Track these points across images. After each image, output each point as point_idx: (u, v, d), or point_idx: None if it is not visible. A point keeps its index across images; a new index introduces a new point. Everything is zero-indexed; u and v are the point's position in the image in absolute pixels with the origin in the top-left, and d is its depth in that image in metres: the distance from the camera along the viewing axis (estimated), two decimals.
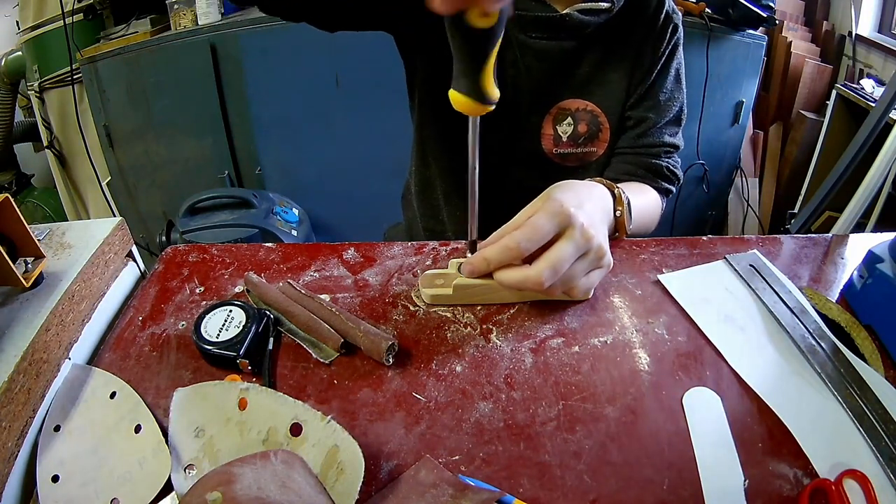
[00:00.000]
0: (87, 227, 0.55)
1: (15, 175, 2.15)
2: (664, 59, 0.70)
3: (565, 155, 0.71)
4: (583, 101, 0.69)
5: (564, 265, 0.46)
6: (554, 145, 0.71)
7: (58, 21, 1.66)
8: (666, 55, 0.70)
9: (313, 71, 1.67)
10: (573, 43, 0.66)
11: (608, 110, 0.70)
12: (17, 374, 0.39)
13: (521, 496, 0.36)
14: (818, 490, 0.36)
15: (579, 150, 0.71)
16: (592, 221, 0.48)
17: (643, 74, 0.70)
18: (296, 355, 0.47)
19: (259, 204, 1.59)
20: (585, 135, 0.70)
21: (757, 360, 0.46)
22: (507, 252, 0.46)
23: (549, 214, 0.46)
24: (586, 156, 0.72)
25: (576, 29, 0.64)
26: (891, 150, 0.89)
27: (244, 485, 0.31)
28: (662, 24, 0.68)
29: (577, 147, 0.71)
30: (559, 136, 0.70)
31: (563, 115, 0.70)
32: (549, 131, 0.70)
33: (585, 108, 0.69)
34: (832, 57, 1.99)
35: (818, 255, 0.59)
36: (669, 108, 0.71)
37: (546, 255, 0.46)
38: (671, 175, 0.73)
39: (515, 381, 0.45)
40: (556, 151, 0.71)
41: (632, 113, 0.71)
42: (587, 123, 0.70)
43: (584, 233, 0.47)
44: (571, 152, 0.71)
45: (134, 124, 1.79)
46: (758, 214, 1.98)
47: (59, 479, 0.38)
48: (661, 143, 0.71)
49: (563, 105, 0.69)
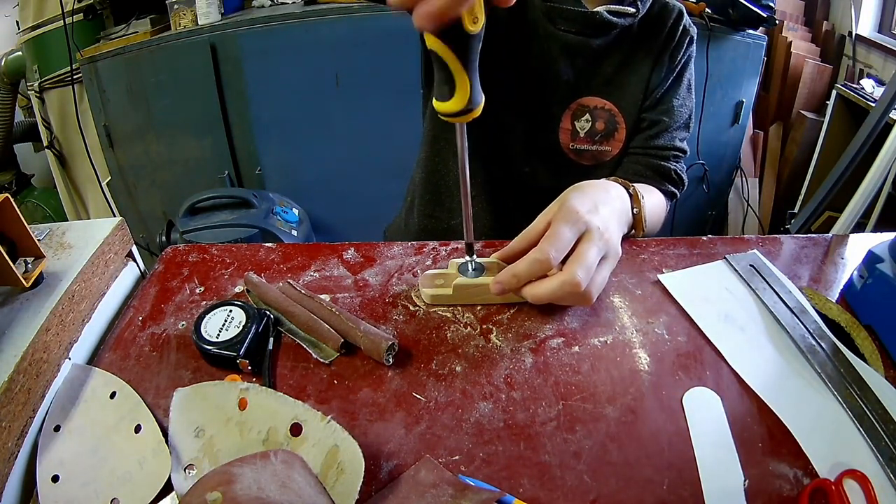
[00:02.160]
0: (87, 227, 0.55)
1: (15, 175, 2.14)
2: (679, 68, 0.72)
3: (581, 151, 0.73)
4: (602, 99, 0.71)
5: (594, 265, 0.47)
6: (571, 140, 0.73)
7: (58, 21, 1.66)
8: (681, 64, 0.72)
9: (313, 71, 1.67)
10: (598, 41, 0.68)
11: (625, 111, 0.72)
12: (17, 374, 0.39)
13: (521, 496, 0.36)
14: (818, 490, 0.36)
15: (595, 148, 0.73)
16: (607, 225, 0.50)
17: (659, 80, 0.72)
18: (296, 355, 0.47)
19: (259, 204, 1.59)
20: (602, 132, 0.72)
21: (757, 360, 0.46)
22: (538, 265, 0.47)
23: (568, 222, 0.48)
24: (601, 154, 0.73)
25: (602, 27, 0.67)
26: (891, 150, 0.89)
27: (244, 485, 0.31)
28: (681, 35, 0.71)
29: (594, 144, 0.73)
30: (577, 131, 0.72)
31: (582, 111, 0.72)
32: (568, 126, 0.72)
33: (604, 106, 0.71)
34: (832, 57, 1.99)
35: (818, 255, 0.59)
36: (681, 114, 0.74)
37: (574, 258, 0.47)
38: (678, 179, 0.74)
39: (515, 381, 0.45)
40: (573, 147, 0.73)
41: (646, 115, 0.73)
42: (605, 121, 0.72)
43: (601, 235, 0.48)
44: (587, 149, 0.73)
45: (134, 124, 1.79)
46: (758, 214, 1.98)
47: (59, 479, 0.38)
48: (672, 146, 0.73)
49: (583, 101, 0.71)
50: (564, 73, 0.70)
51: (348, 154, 1.80)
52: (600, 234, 0.48)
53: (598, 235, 0.48)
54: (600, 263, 0.48)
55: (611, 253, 0.49)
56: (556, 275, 0.47)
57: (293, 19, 1.61)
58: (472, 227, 0.50)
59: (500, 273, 0.49)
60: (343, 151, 1.80)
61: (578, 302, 0.50)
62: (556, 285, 0.46)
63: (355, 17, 1.58)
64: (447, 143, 0.78)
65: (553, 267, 0.47)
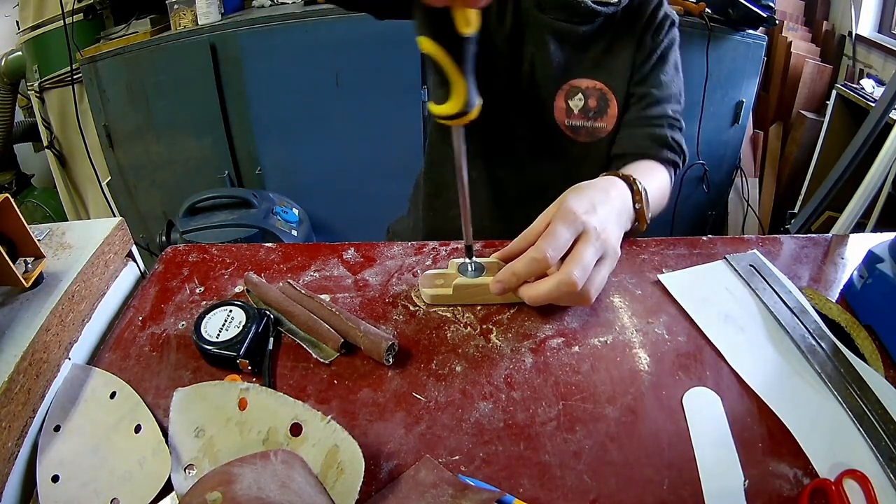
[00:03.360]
0: (87, 227, 0.55)
1: (15, 175, 2.14)
2: (663, 49, 0.77)
3: (576, 128, 0.77)
4: (592, 80, 0.77)
5: (590, 265, 0.47)
6: (566, 117, 0.78)
7: (58, 21, 1.66)
8: (664, 44, 0.77)
9: (313, 71, 1.67)
10: (585, 28, 0.74)
11: (615, 89, 0.77)
12: (17, 374, 0.39)
13: (521, 496, 0.36)
14: (818, 490, 0.36)
15: (589, 124, 0.78)
16: (605, 225, 0.50)
17: (644, 57, 0.77)
18: (296, 355, 0.47)
19: (259, 204, 1.59)
20: (595, 109, 0.78)
21: (757, 360, 0.46)
22: (535, 263, 0.47)
23: (566, 222, 0.48)
24: (596, 131, 0.78)
25: (588, 15, 0.73)
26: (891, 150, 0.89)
27: (244, 485, 0.31)
28: (661, 19, 0.77)
29: (588, 120, 0.78)
30: (570, 108, 0.77)
31: (575, 91, 0.77)
32: (562, 105, 0.77)
33: (594, 86, 0.77)
34: (832, 57, 1.99)
35: (818, 255, 0.59)
36: (670, 88, 0.78)
37: (570, 258, 0.47)
38: (676, 146, 0.77)
39: (515, 381, 0.45)
40: (568, 123, 0.77)
41: (636, 90, 0.77)
42: (596, 99, 0.77)
43: (598, 235, 0.49)
44: (582, 125, 0.77)
45: (134, 124, 1.79)
46: (758, 214, 1.98)
47: (59, 479, 0.38)
48: (665, 114, 0.76)
49: (575, 83, 0.77)
50: (555, 57, 0.75)
51: (348, 154, 1.80)
52: (597, 233, 0.49)
53: (595, 235, 0.48)
54: (598, 263, 0.49)
55: (609, 253, 0.50)
56: (552, 275, 0.47)
57: (293, 19, 1.61)
58: (471, 229, 0.50)
59: (499, 272, 0.49)
60: (343, 151, 1.80)
61: (577, 302, 0.50)
62: (552, 285, 0.46)
63: (355, 17, 1.58)
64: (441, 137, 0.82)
65: (551, 265, 0.47)
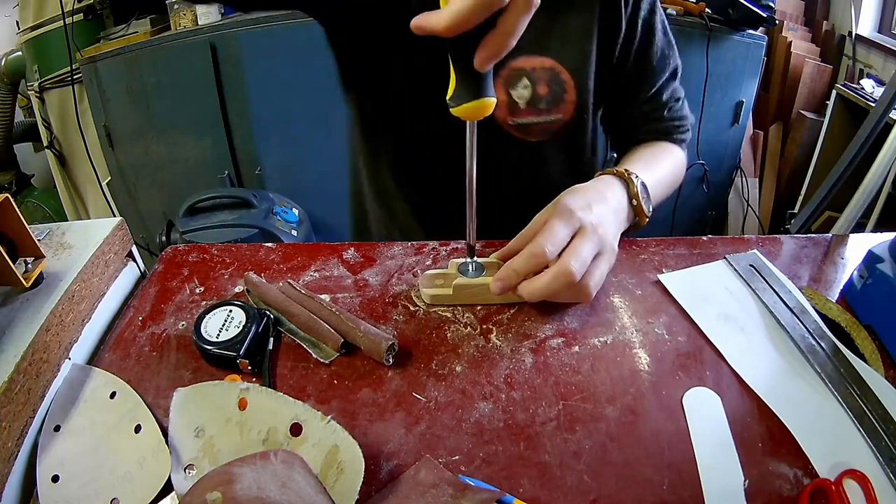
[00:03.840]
0: (87, 227, 0.55)
1: (15, 175, 2.14)
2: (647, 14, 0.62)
3: (525, 126, 0.61)
4: (539, 57, 0.59)
5: (587, 258, 0.47)
6: (509, 114, 0.61)
7: (58, 21, 1.66)
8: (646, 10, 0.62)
9: (313, 71, 1.66)
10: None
11: (571, 66, 0.60)
12: (17, 374, 0.39)
13: (521, 496, 0.36)
14: (818, 490, 0.36)
15: (542, 119, 0.62)
16: (601, 221, 0.50)
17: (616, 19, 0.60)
18: (296, 355, 0.47)
19: (259, 204, 1.60)
20: (547, 97, 0.60)
21: (757, 360, 0.46)
22: (534, 258, 0.47)
23: (563, 219, 0.48)
24: (551, 125, 0.62)
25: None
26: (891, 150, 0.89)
27: (244, 485, 0.31)
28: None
29: (540, 115, 0.61)
30: (514, 102, 0.60)
31: (518, 77, 0.59)
32: (502, 97, 0.59)
33: (543, 65, 0.59)
34: (832, 57, 1.99)
35: (818, 255, 0.59)
36: (664, 68, 0.67)
37: (567, 251, 0.47)
38: (681, 124, 0.70)
39: (515, 381, 0.45)
40: (513, 122, 0.61)
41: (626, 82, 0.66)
42: (547, 83, 0.60)
43: (595, 230, 0.48)
44: (533, 122, 0.61)
45: (134, 124, 1.79)
46: (758, 214, 1.98)
47: (59, 479, 0.38)
48: (663, 102, 0.69)
49: (516, 64, 0.58)
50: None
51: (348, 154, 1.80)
52: (594, 229, 0.48)
53: (592, 230, 0.48)
54: (596, 258, 0.49)
55: (606, 249, 0.49)
56: (546, 271, 0.47)
57: (293, 19, 1.61)
58: (475, 228, 0.50)
59: (499, 271, 0.49)
60: (343, 151, 1.80)
61: (577, 297, 0.50)
62: (549, 277, 0.46)
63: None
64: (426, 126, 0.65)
65: (548, 262, 0.47)
